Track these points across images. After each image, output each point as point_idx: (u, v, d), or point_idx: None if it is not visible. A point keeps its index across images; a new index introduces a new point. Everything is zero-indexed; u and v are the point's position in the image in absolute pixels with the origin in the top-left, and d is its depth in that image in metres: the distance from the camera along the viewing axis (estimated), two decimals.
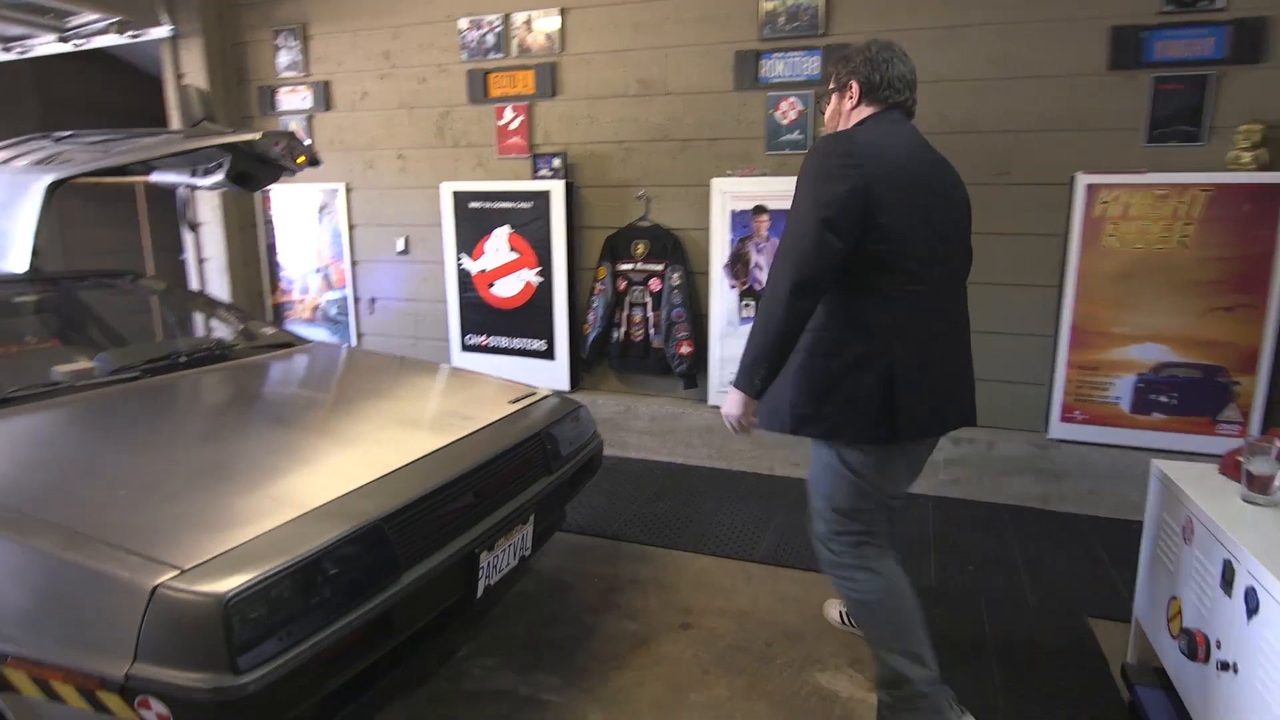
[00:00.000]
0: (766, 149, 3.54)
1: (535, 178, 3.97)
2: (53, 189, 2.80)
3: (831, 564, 1.83)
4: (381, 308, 4.54)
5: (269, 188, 4.17)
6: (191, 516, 1.51)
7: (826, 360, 1.68)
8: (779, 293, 1.59)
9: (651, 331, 3.84)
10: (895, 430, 1.64)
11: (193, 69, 4.48)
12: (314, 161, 3.22)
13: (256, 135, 2.89)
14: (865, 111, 1.77)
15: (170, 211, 5.01)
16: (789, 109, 3.46)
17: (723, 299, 3.65)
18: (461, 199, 4.08)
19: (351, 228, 4.53)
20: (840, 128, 1.79)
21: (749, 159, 3.58)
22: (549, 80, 3.87)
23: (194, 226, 3.42)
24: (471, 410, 2.32)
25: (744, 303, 3.61)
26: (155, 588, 1.27)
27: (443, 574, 1.75)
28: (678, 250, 3.74)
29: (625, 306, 3.88)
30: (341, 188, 4.48)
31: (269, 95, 4.54)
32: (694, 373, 3.77)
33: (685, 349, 3.74)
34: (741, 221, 3.55)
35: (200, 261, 4.79)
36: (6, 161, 2.92)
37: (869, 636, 1.84)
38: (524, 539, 2.12)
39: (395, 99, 4.25)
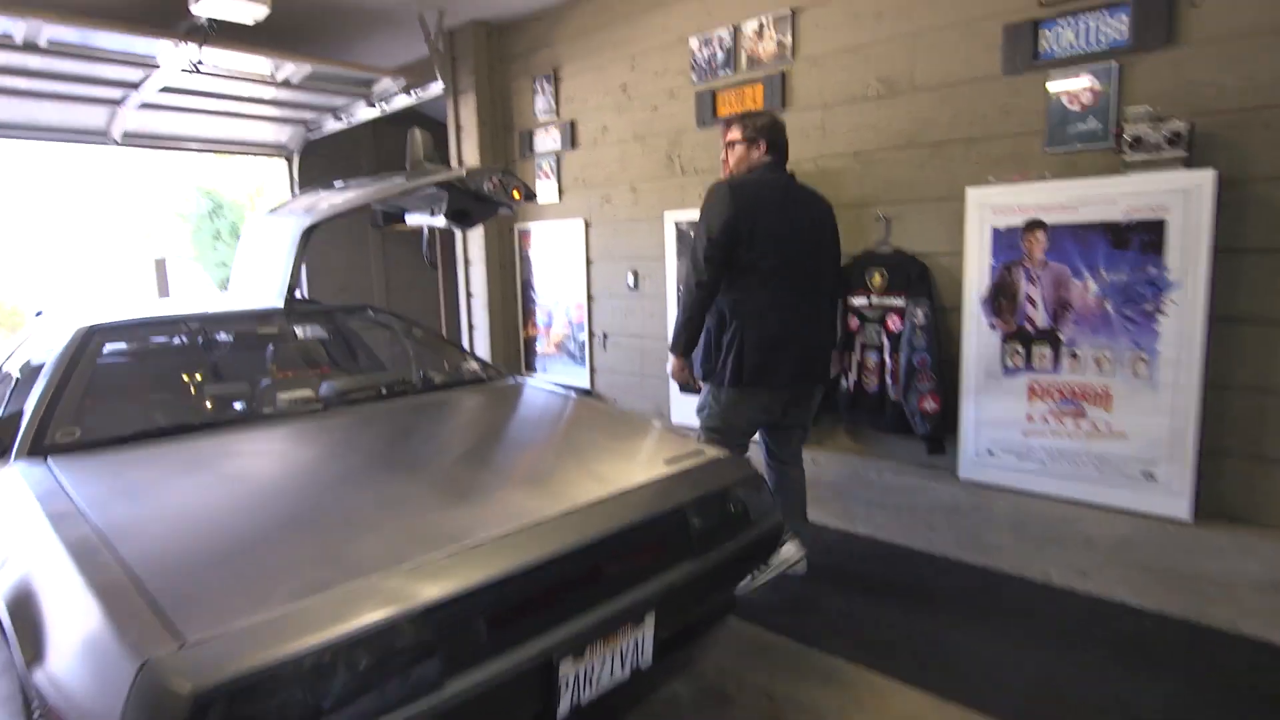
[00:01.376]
0: (1046, 145, 2.67)
1: None
2: (307, 233, 3.15)
3: None
4: (613, 344, 4.47)
5: (528, 225, 4.36)
6: (248, 573, 1.42)
7: (715, 332, 2.59)
8: (690, 289, 2.52)
9: (888, 380, 3.15)
10: (742, 378, 2.52)
11: (468, 120, 4.92)
12: (528, 196, 3.21)
13: (462, 172, 2.94)
14: (763, 161, 2.65)
15: (446, 250, 5.58)
16: (1081, 91, 2.57)
17: (979, 342, 2.84)
18: (684, 229, 3.82)
19: (589, 263, 4.55)
20: (742, 170, 2.68)
21: (1020, 161, 2.75)
22: (778, 91, 3.44)
23: (433, 264, 3.65)
24: (612, 468, 2.00)
25: (1010, 348, 2.77)
26: (144, 663, 1.16)
27: (506, 686, 1.44)
28: (923, 281, 3.02)
29: (857, 348, 3.25)
30: (581, 223, 4.53)
31: (528, 139, 4.79)
32: (940, 434, 3.00)
33: (929, 404, 2.99)
34: (1007, 242, 2.73)
35: (469, 297, 5.24)
36: (284, 208, 3.38)
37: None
38: (639, 645, 1.71)
39: (630, 130, 4.17)
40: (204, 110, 4.90)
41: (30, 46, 3.50)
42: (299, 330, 3.11)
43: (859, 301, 3.23)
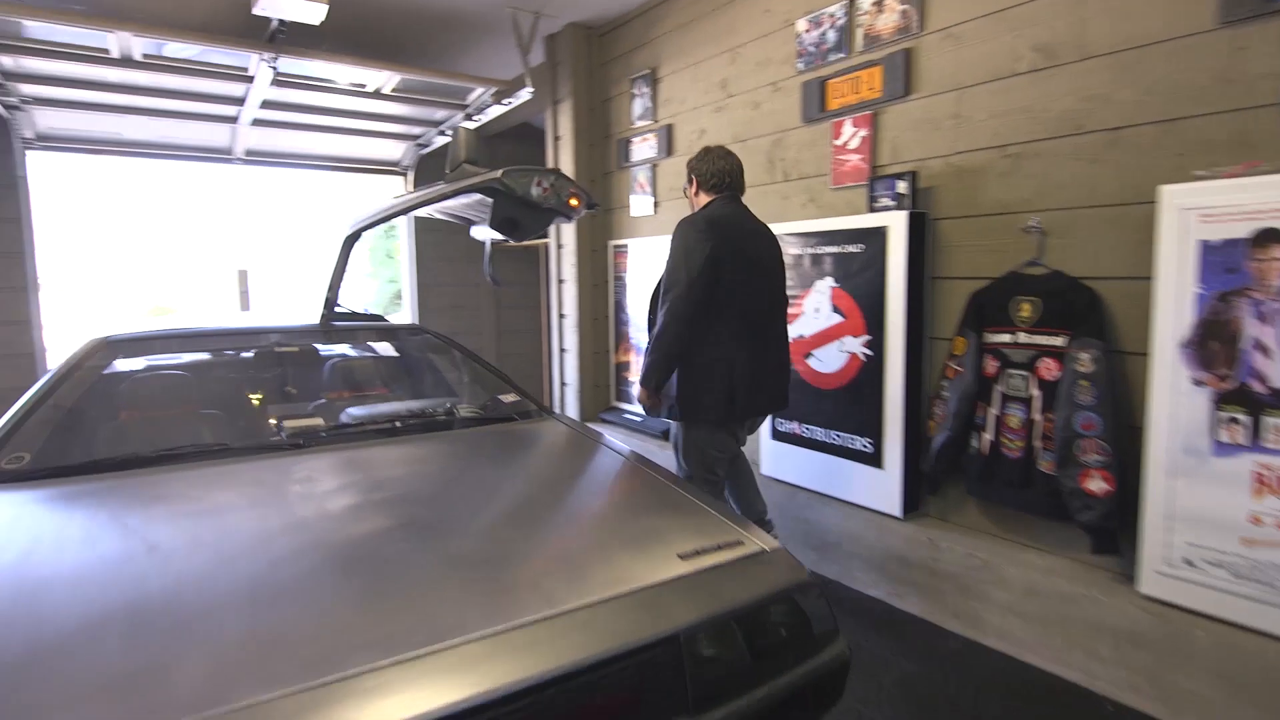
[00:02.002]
0: None
1: (873, 209, 2.87)
2: (348, 243, 2.88)
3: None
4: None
5: (624, 242, 3.89)
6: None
7: (696, 369, 2.51)
8: (669, 324, 2.44)
9: (1038, 444, 2.35)
10: (734, 414, 2.51)
11: (565, 130, 4.59)
12: (590, 205, 2.76)
13: (497, 173, 2.54)
14: (706, 198, 2.73)
15: (542, 267, 5.26)
16: None
17: (1176, 403, 1.99)
18: (783, 245, 3.19)
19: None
20: (701, 206, 2.73)
21: (1247, 146, 1.91)
22: (900, 74, 2.75)
23: (495, 281, 3.29)
24: (602, 562, 1.46)
25: (1225, 415, 1.91)
26: None
27: None
28: (1092, 314, 2.21)
29: (995, 400, 2.47)
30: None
31: (624, 147, 4.37)
32: (1111, 525, 2.16)
33: (1097, 483, 2.16)
34: (1223, 261, 1.89)
35: (560, 318, 4.88)
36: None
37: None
38: None
39: (729, 132, 3.61)
40: (316, 127, 4.92)
41: (127, 61, 3.56)
42: (328, 349, 2.83)
43: (1000, 338, 2.46)
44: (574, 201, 2.76)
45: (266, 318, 3.11)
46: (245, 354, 2.60)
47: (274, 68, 3.58)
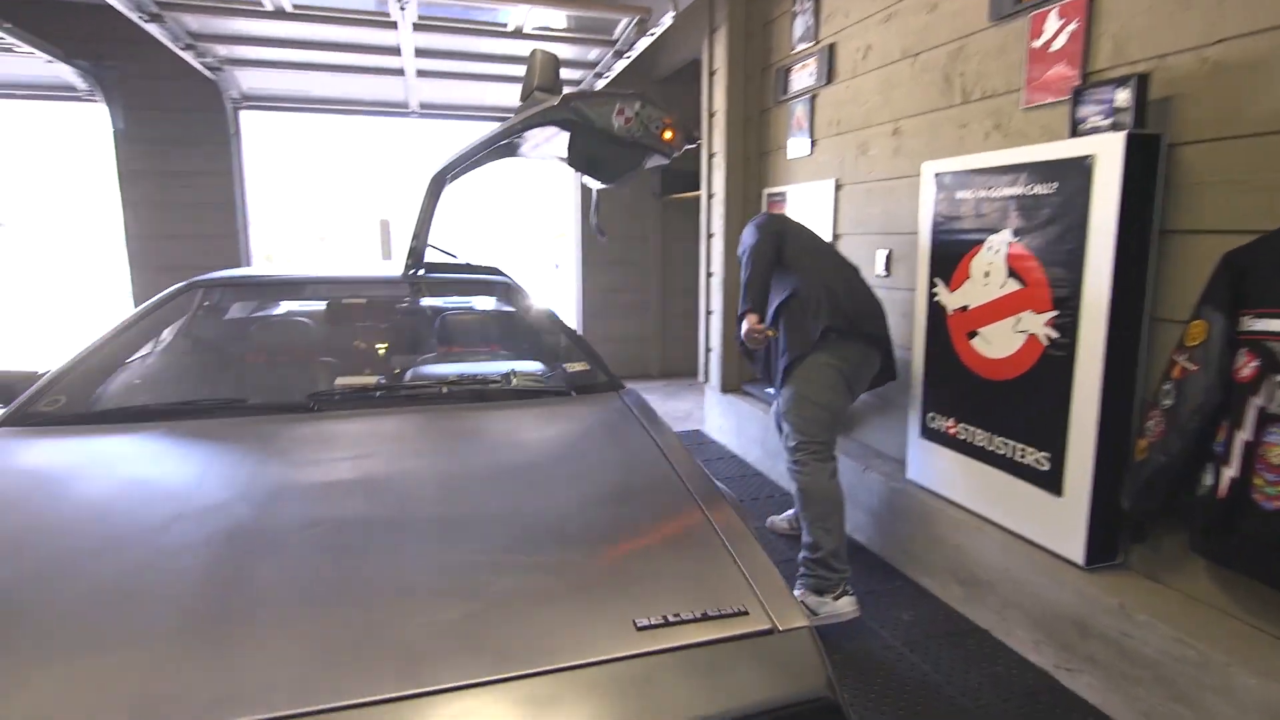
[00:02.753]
0: None
1: (1076, 133, 2.03)
2: (436, 184, 2.65)
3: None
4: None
5: (781, 189, 3.30)
6: None
7: (794, 310, 2.48)
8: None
9: None
10: (838, 325, 2.41)
11: (720, 60, 4.04)
12: (689, 140, 2.30)
13: (552, 100, 2.14)
14: None
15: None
16: None
17: None
18: (946, 187, 2.44)
19: (835, 238, 3.35)
20: None
21: None
22: None
23: (600, 232, 2.91)
24: (525, 621, 1.06)
25: None
26: None
27: None
28: None
29: (1247, 418, 1.61)
30: (830, 185, 3.34)
31: (783, 78, 3.73)
32: None
33: None
34: None
35: (708, 276, 4.40)
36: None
37: (805, 515, 2.36)
38: None
39: (898, 46, 2.85)
40: (477, 75, 4.84)
41: (279, 13, 3.64)
42: (407, 301, 2.65)
43: (1266, 325, 1.60)
44: (668, 135, 2.30)
45: (355, 267, 3.02)
46: (316, 304, 2.50)
47: (403, 7, 3.46)
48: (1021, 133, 2.30)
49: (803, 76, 3.54)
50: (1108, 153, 1.84)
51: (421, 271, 2.65)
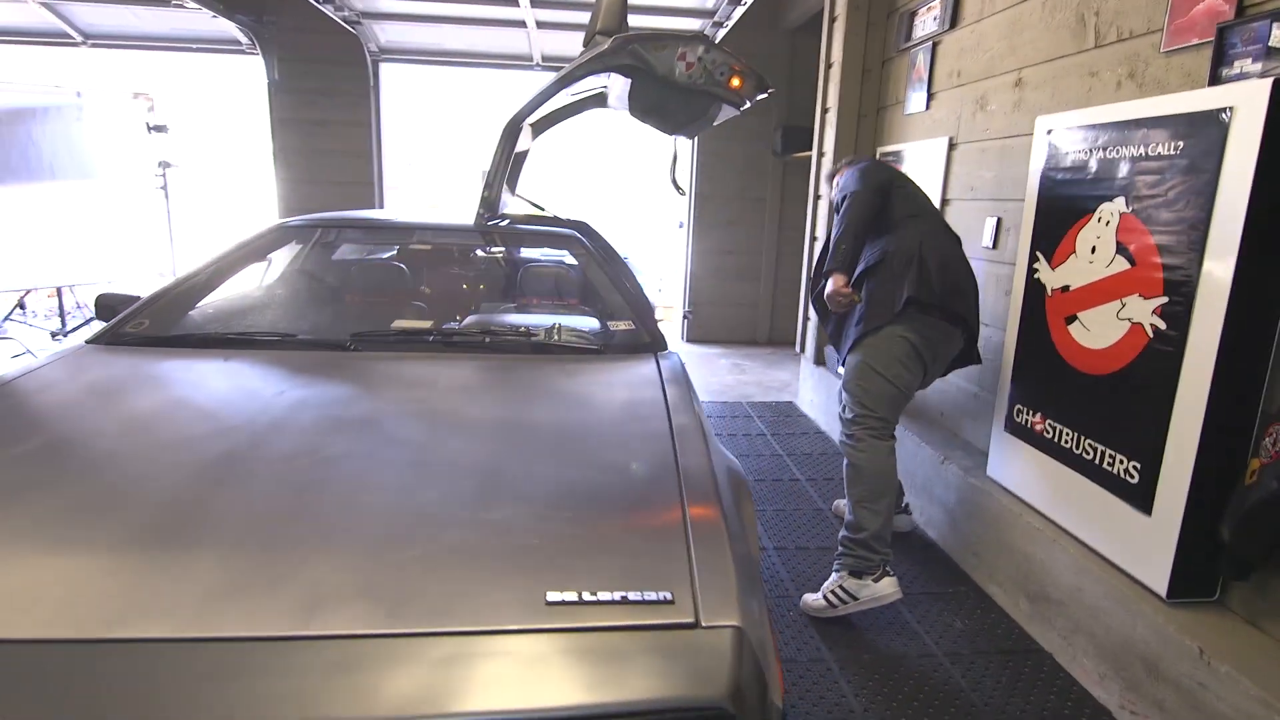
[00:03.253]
0: None
1: (1217, 80, 1.66)
2: (511, 132, 2.64)
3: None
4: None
5: (896, 148, 2.94)
6: None
7: (880, 273, 2.23)
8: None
9: None
10: (924, 296, 2.17)
11: (841, 6, 3.71)
12: (761, 87, 2.16)
13: (603, 44, 2.03)
14: None
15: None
16: None
17: None
18: (1058, 146, 2.09)
19: (944, 203, 3.01)
20: None
21: None
22: None
23: (679, 189, 2.79)
24: (442, 580, 1.04)
25: None
26: None
27: None
28: None
29: None
30: (943, 144, 3.00)
31: (906, 22, 3.37)
32: None
33: None
34: None
35: (812, 240, 4.14)
36: None
37: (852, 493, 2.18)
38: None
39: None
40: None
41: None
42: (482, 250, 2.69)
43: None
44: (736, 81, 2.15)
45: (435, 214, 3.09)
46: (389, 251, 2.60)
47: None
48: (1159, 81, 1.92)
49: (927, 21, 3.18)
50: (1248, 104, 1.48)
51: (496, 220, 2.68)
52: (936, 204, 3.01)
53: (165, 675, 0.85)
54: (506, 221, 2.72)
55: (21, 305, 5.17)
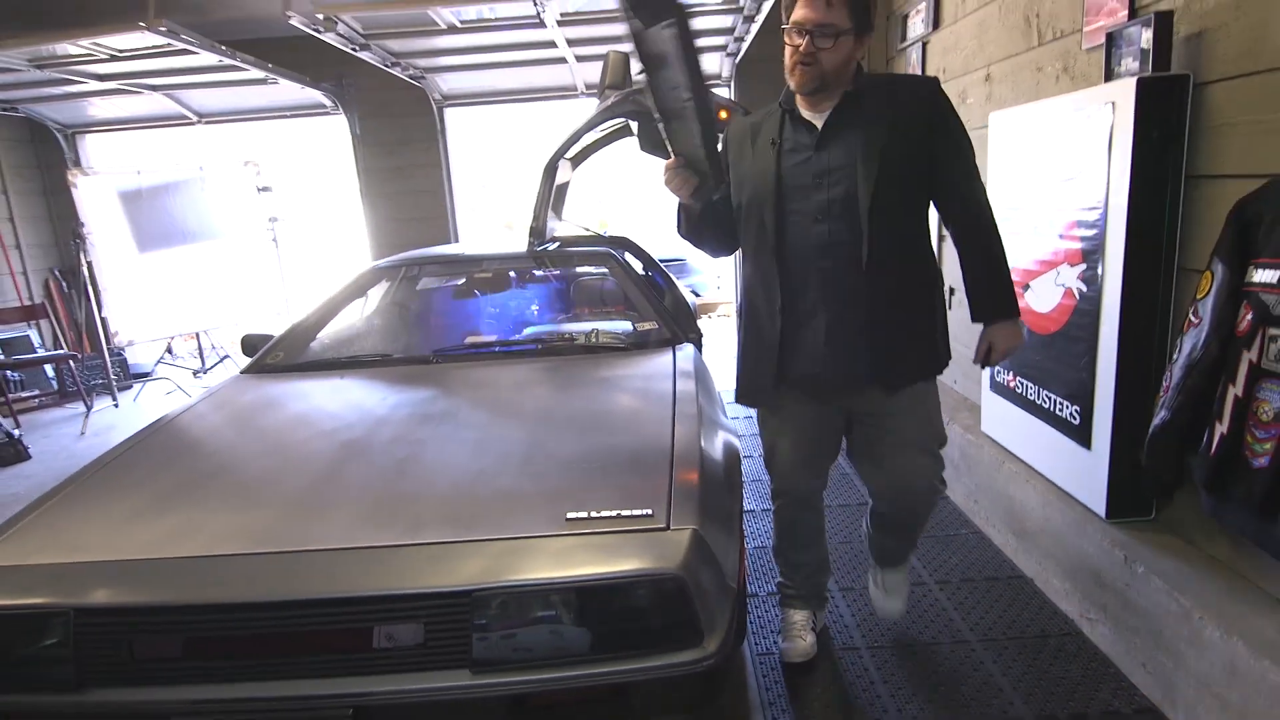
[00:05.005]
0: None
1: (1110, 76, 1.96)
2: (550, 169, 3.13)
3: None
4: (961, 303, 3.20)
5: None
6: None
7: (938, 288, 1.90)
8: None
9: None
10: None
11: None
12: (742, 113, 2.57)
13: (609, 98, 2.48)
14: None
15: None
16: None
17: None
18: (1008, 138, 2.40)
19: None
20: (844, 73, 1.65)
21: None
22: None
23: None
24: (492, 509, 1.53)
25: None
26: None
27: None
28: None
29: (1240, 373, 1.57)
30: None
31: (901, 24, 3.67)
32: None
33: None
34: None
35: None
36: None
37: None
38: None
39: None
40: (632, 53, 5.25)
41: (453, 29, 4.33)
42: (536, 272, 3.19)
43: (1266, 276, 1.54)
44: (724, 114, 2.56)
45: (496, 244, 3.63)
46: (459, 280, 3.14)
47: (543, 11, 3.96)
48: (1085, 75, 2.21)
49: (916, 23, 3.48)
50: (1123, 99, 1.79)
51: (545, 245, 3.19)
52: None
53: (324, 570, 1.37)
54: (555, 245, 3.22)
55: (169, 350, 6.11)
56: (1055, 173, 2.13)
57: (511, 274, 3.24)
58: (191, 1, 4.71)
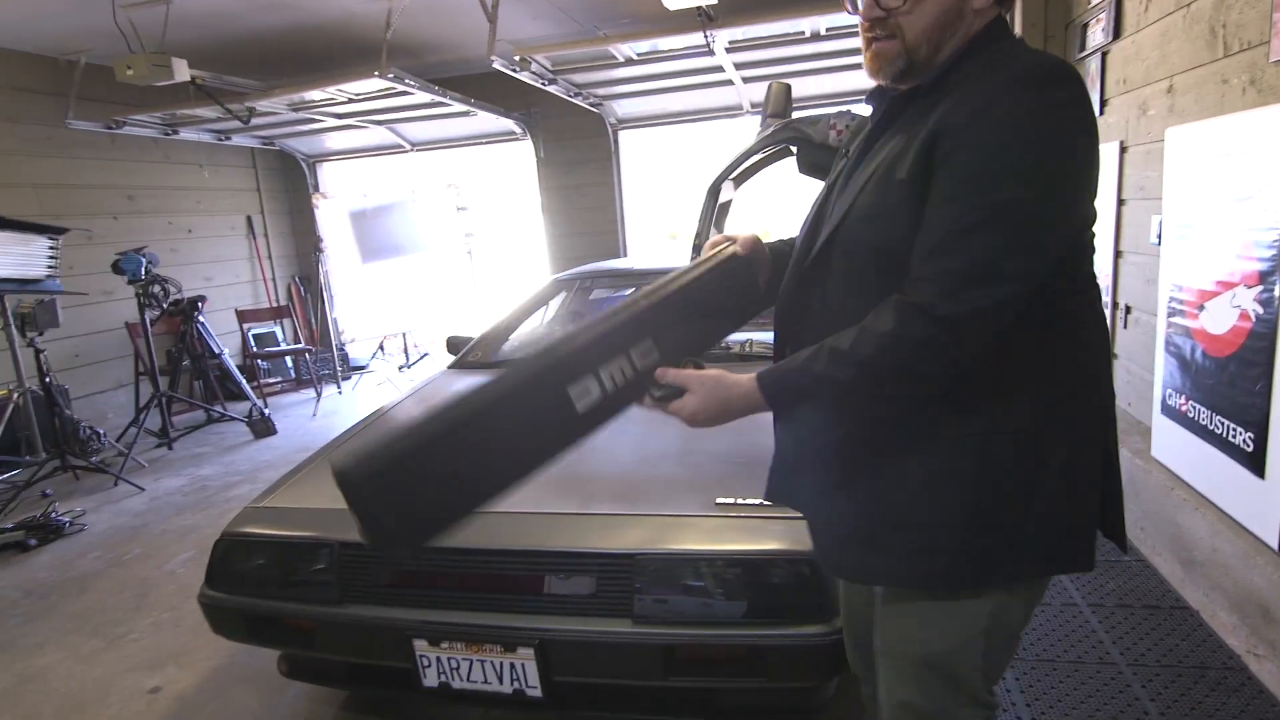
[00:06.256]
0: None
1: None
2: (711, 193, 3.40)
3: None
4: (1136, 323, 3.07)
5: None
6: None
7: (1016, 446, 1.00)
8: (940, 344, 0.93)
9: None
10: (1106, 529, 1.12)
11: (1018, 23, 3.94)
12: None
13: (767, 128, 2.67)
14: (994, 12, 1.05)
15: None
16: None
17: None
18: (1184, 155, 2.32)
19: (1120, 203, 3.17)
20: (958, 36, 1.02)
21: None
22: None
23: None
24: (654, 491, 1.81)
25: None
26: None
27: (383, 633, 1.71)
28: None
29: None
30: (1115, 147, 3.17)
31: (1080, 33, 3.54)
32: None
33: None
34: None
35: None
36: None
37: None
38: (519, 671, 1.63)
39: None
40: (795, 73, 5.39)
41: (630, 61, 4.73)
42: None
43: None
44: None
45: (662, 260, 3.92)
46: (627, 291, 3.48)
47: (712, 41, 4.24)
48: (1273, 88, 2.11)
49: (1096, 32, 3.36)
50: None
51: None
52: (1113, 204, 3.20)
53: (517, 528, 1.70)
54: None
55: (381, 347, 7.07)
56: (1234, 191, 2.06)
57: None
58: (412, 49, 5.49)
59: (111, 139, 5.50)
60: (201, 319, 5.36)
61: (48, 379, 4.22)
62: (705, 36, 4.25)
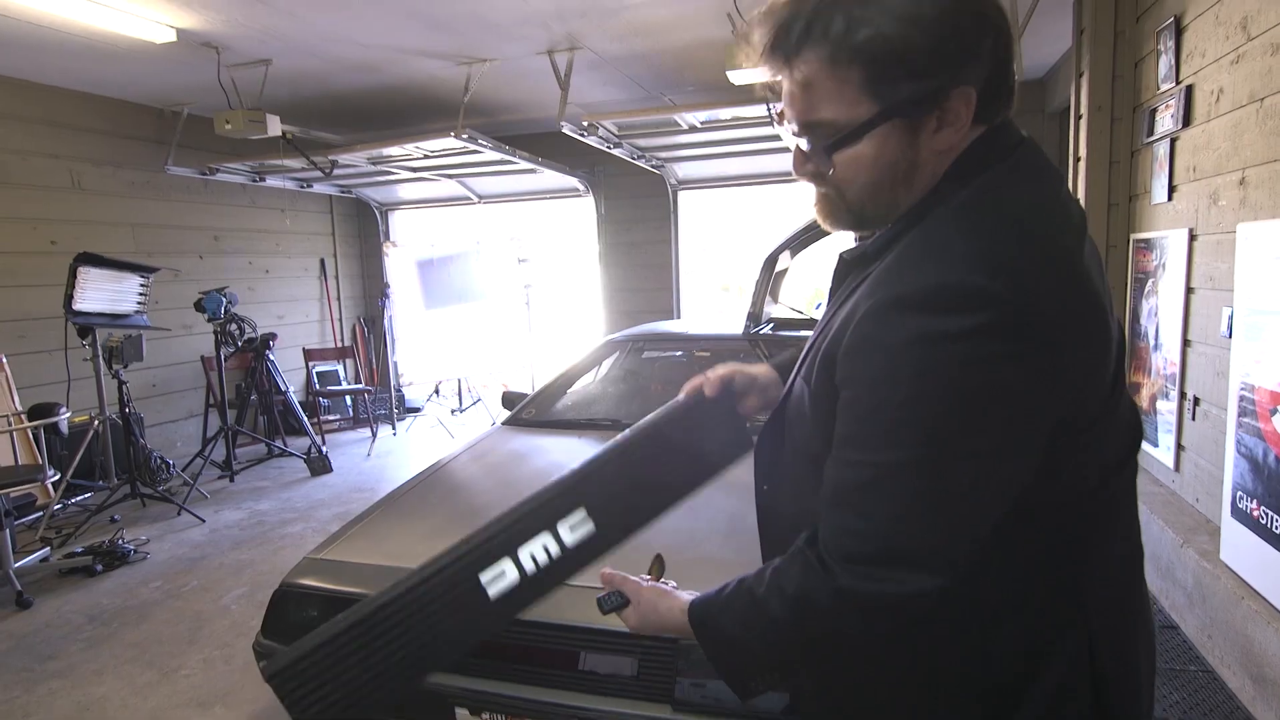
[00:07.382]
0: None
1: None
2: (768, 263, 3.46)
3: None
4: (1205, 416, 2.96)
5: (1147, 235, 3.36)
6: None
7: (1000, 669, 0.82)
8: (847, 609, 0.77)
9: None
10: None
11: (1085, 104, 3.94)
12: None
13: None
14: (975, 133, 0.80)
15: None
16: None
17: None
18: (1258, 251, 2.27)
19: (1189, 291, 3.10)
20: (918, 185, 0.80)
21: None
22: None
23: None
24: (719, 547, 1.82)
25: None
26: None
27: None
28: None
29: None
30: (1184, 234, 3.11)
31: (1148, 118, 3.52)
32: None
33: None
34: None
35: None
36: None
37: None
38: None
39: (1245, 88, 2.63)
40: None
41: (693, 129, 4.88)
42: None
43: None
44: None
45: (713, 325, 3.97)
46: (678, 354, 3.53)
47: (775, 110, 4.34)
48: None
49: (1165, 119, 3.33)
50: None
51: (759, 329, 3.49)
52: (1181, 292, 3.12)
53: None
54: (770, 326, 3.50)
55: (436, 390, 7.26)
56: None
57: (727, 352, 3.56)
58: (485, 109, 5.77)
59: (204, 184, 5.90)
60: (271, 356, 5.62)
61: (127, 409, 4.47)
62: (768, 109, 4.36)
